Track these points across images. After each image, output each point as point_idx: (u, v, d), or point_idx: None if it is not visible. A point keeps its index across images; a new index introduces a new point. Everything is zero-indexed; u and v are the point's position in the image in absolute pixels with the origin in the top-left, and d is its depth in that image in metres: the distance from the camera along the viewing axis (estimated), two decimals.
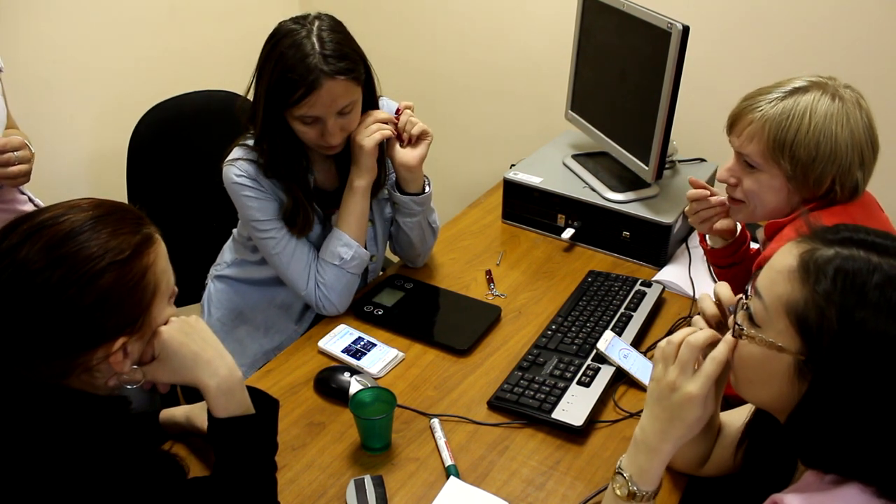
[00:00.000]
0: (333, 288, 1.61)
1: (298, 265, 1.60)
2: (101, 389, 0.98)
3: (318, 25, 1.44)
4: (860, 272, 0.82)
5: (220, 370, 1.03)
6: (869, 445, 0.82)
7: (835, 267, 0.83)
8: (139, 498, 0.94)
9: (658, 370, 1.00)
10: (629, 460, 1.03)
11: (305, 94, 1.41)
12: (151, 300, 0.98)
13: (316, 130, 1.48)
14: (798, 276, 0.85)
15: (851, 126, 1.29)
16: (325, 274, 1.60)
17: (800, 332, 0.85)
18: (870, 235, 0.86)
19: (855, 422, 0.82)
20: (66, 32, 2.13)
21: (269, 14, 2.72)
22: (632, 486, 1.01)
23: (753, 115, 1.34)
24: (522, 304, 1.71)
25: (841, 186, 1.32)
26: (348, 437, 1.34)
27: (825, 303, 0.82)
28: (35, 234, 0.91)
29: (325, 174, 1.67)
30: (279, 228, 1.57)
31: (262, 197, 1.55)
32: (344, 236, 1.60)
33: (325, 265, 1.60)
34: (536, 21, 2.38)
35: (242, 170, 1.54)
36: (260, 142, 1.53)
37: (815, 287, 0.83)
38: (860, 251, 0.83)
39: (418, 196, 1.64)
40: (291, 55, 1.41)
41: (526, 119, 2.53)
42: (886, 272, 0.81)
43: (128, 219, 0.98)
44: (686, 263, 1.84)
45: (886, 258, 0.82)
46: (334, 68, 1.41)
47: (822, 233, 0.88)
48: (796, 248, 0.88)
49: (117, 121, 2.06)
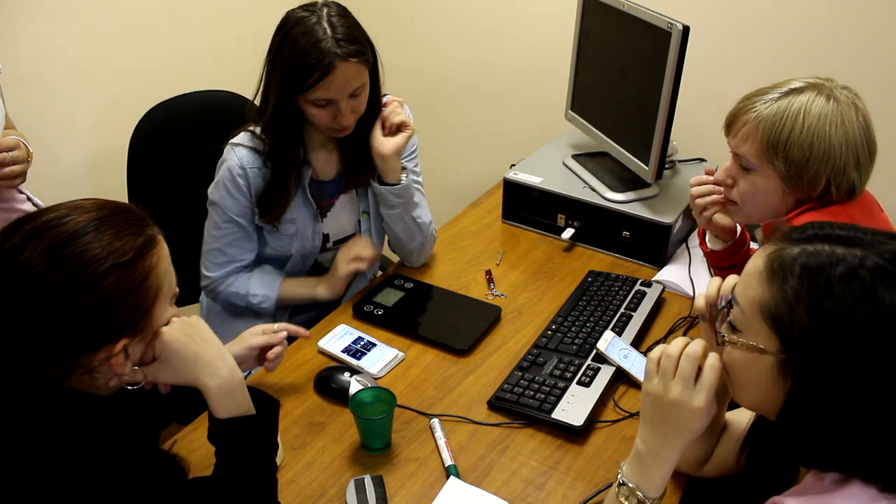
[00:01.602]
0: (225, 294, 1.70)
1: (219, 255, 1.68)
2: (102, 390, 0.98)
3: (328, 12, 1.49)
4: (824, 265, 0.83)
5: (220, 371, 1.03)
6: (860, 437, 0.83)
7: (800, 264, 0.85)
8: (139, 498, 0.94)
9: (655, 384, 1.00)
10: (633, 470, 1.03)
11: (321, 78, 1.46)
12: (153, 302, 0.97)
13: (329, 113, 1.53)
14: (767, 276, 0.87)
15: (846, 127, 1.29)
16: (236, 286, 1.69)
17: (776, 331, 0.86)
18: (835, 230, 0.88)
19: (842, 414, 0.83)
20: (66, 33, 2.13)
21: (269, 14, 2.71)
22: (639, 494, 1.01)
23: (748, 116, 1.35)
24: (522, 304, 1.71)
25: (837, 187, 1.32)
26: (348, 437, 1.34)
27: (794, 300, 0.84)
28: (38, 235, 0.91)
29: (324, 162, 1.69)
30: (229, 222, 1.64)
31: (236, 194, 1.62)
32: (273, 292, 1.69)
33: (240, 284, 1.69)
34: (536, 21, 2.38)
35: (239, 157, 1.59)
36: (267, 130, 1.57)
37: (783, 286, 0.85)
38: (825, 246, 0.85)
39: (394, 187, 1.65)
40: (305, 41, 1.45)
41: (526, 119, 2.53)
42: (849, 262, 0.82)
43: (131, 220, 0.98)
44: (686, 263, 1.84)
45: (850, 248, 0.84)
46: (347, 51, 1.46)
47: (789, 233, 0.90)
48: (765, 250, 0.90)
49: (117, 121, 2.06)
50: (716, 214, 1.52)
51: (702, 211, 1.53)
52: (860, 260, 0.82)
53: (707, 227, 1.57)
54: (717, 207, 1.51)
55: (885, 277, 0.81)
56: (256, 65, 1.56)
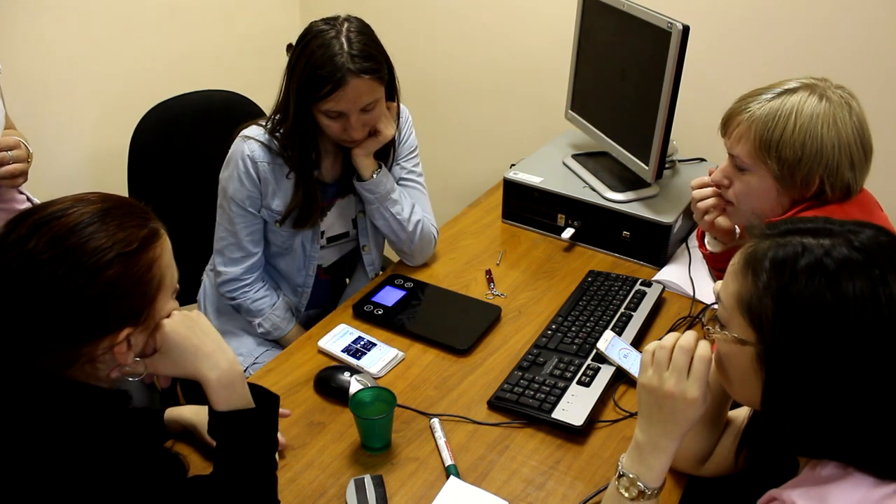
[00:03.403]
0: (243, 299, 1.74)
1: (235, 249, 1.71)
2: (104, 381, 0.99)
3: (347, 27, 1.52)
4: (790, 256, 0.86)
5: (220, 363, 1.04)
6: (837, 424, 0.85)
7: (769, 257, 0.88)
8: (139, 493, 0.94)
9: (650, 376, 1.03)
10: (633, 461, 1.04)
11: (332, 91, 1.49)
12: (156, 293, 0.99)
13: (340, 124, 1.56)
14: (741, 271, 0.91)
15: (838, 127, 1.30)
16: (259, 302, 1.74)
17: (751, 323, 0.90)
18: (806, 223, 0.91)
19: (816, 401, 0.86)
20: (67, 33, 2.13)
21: (269, 14, 2.73)
22: (640, 484, 1.02)
23: (742, 117, 1.36)
24: (522, 304, 1.71)
25: (831, 187, 1.33)
26: (348, 437, 1.34)
27: (763, 291, 0.87)
28: (44, 225, 0.93)
29: (330, 165, 1.72)
30: (244, 214, 1.67)
31: (249, 185, 1.64)
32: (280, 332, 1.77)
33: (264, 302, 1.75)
34: (536, 21, 2.38)
35: (251, 149, 1.62)
36: (288, 137, 1.60)
37: (755, 279, 0.89)
38: (794, 237, 0.88)
39: (364, 182, 1.68)
40: (321, 53, 1.49)
41: (526, 119, 2.53)
42: (814, 252, 0.85)
43: (135, 212, 0.99)
44: (686, 263, 1.84)
45: (818, 239, 0.86)
46: (360, 67, 1.49)
47: (764, 229, 0.93)
48: (743, 247, 0.93)
49: (118, 121, 2.06)
50: (717, 218, 1.52)
51: (703, 214, 1.53)
52: (826, 249, 0.85)
53: (709, 229, 1.57)
54: (719, 211, 1.52)
55: (849, 265, 0.83)
56: (256, 65, 1.57)
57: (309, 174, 1.64)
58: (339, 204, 1.76)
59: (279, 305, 1.77)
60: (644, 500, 1.03)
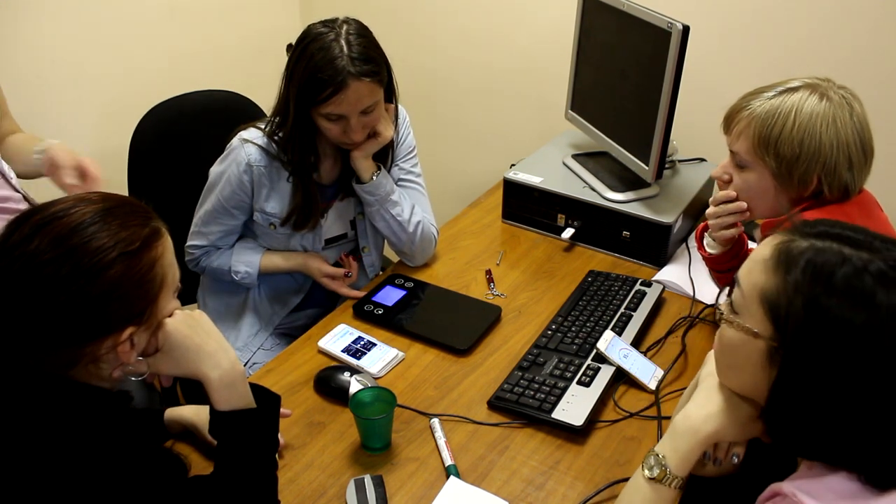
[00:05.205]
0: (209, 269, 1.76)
1: (201, 238, 1.73)
2: (106, 381, 0.99)
3: (346, 29, 1.52)
4: (829, 263, 0.85)
5: (222, 363, 1.04)
6: (839, 431, 0.85)
7: (806, 258, 0.86)
8: (140, 494, 0.94)
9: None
10: (663, 443, 1.04)
11: (333, 94, 1.49)
12: (158, 292, 0.99)
13: (340, 127, 1.56)
14: (772, 265, 0.89)
15: (837, 127, 1.30)
16: (219, 261, 1.74)
17: (771, 318, 0.89)
18: (846, 230, 0.89)
19: (824, 408, 0.85)
20: (67, 32, 2.13)
21: (269, 14, 2.73)
22: (663, 464, 1.02)
23: (743, 114, 1.37)
24: (522, 304, 1.71)
25: (829, 186, 1.33)
26: (348, 437, 1.34)
27: (794, 291, 0.86)
28: (46, 225, 0.93)
29: (329, 168, 1.72)
30: (222, 213, 1.69)
31: (238, 190, 1.65)
32: (254, 269, 1.73)
33: (223, 260, 1.74)
34: (536, 21, 2.38)
35: (248, 153, 1.62)
36: (287, 139, 1.60)
37: (786, 276, 0.87)
38: (833, 244, 0.86)
39: (364, 185, 1.68)
40: (321, 56, 1.48)
41: (526, 119, 2.53)
42: (854, 264, 0.84)
43: (137, 212, 1.00)
44: (686, 263, 1.84)
45: (858, 251, 0.85)
46: (360, 70, 1.49)
47: (800, 226, 0.92)
48: (774, 239, 0.92)
49: (118, 121, 2.06)
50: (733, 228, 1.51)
51: (721, 229, 1.51)
52: (865, 263, 0.83)
53: (720, 240, 1.55)
54: (736, 226, 1.50)
55: (886, 284, 0.82)
56: (256, 65, 1.57)
57: (308, 177, 1.64)
58: (338, 206, 1.76)
59: (238, 250, 1.76)
60: (663, 484, 1.01)
